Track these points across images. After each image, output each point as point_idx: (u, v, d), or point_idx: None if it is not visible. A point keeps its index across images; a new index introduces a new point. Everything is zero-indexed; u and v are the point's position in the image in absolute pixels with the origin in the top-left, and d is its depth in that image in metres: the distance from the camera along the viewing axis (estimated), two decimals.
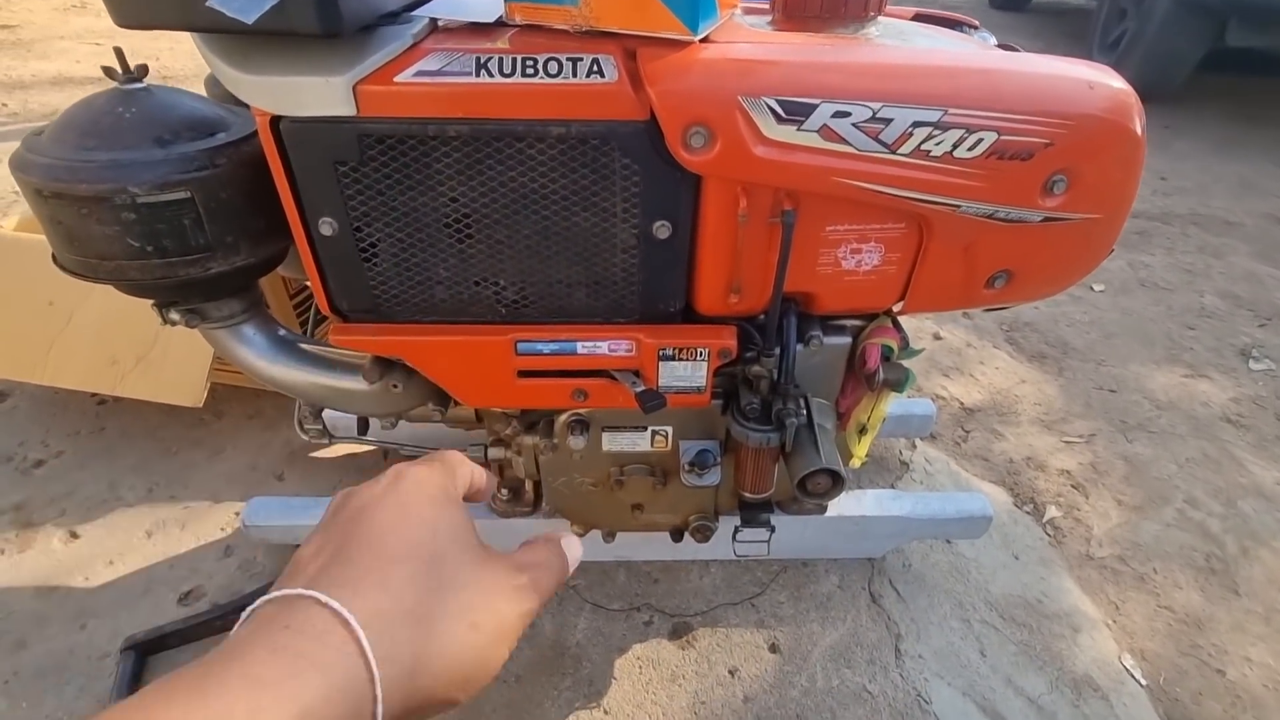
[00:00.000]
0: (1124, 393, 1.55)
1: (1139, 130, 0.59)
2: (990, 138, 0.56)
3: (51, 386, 1.19)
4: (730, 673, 0.89)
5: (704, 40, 0.57)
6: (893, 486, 1.19)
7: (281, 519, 0.95)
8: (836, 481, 0.73)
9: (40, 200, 0.56)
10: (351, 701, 0.23)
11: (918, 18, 0.80)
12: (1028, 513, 1.22)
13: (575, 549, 0.35)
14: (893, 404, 0.90)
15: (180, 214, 0.58)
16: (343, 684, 0.23)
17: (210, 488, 1.15)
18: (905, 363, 0.75)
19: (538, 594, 0.31)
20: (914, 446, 1.31)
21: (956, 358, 1.65)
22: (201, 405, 1.12)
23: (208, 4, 0.44)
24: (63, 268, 0.61)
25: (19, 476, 1.17)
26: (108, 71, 0.59)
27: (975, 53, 0.62)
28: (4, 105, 2.75)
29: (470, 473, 0.34)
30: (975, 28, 0.80)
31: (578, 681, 0.87)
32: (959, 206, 0.60)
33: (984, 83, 0.56)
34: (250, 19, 0.44)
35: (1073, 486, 1.29)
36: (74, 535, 1.07)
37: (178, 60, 3.44)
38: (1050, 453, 1.37)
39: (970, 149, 0.57)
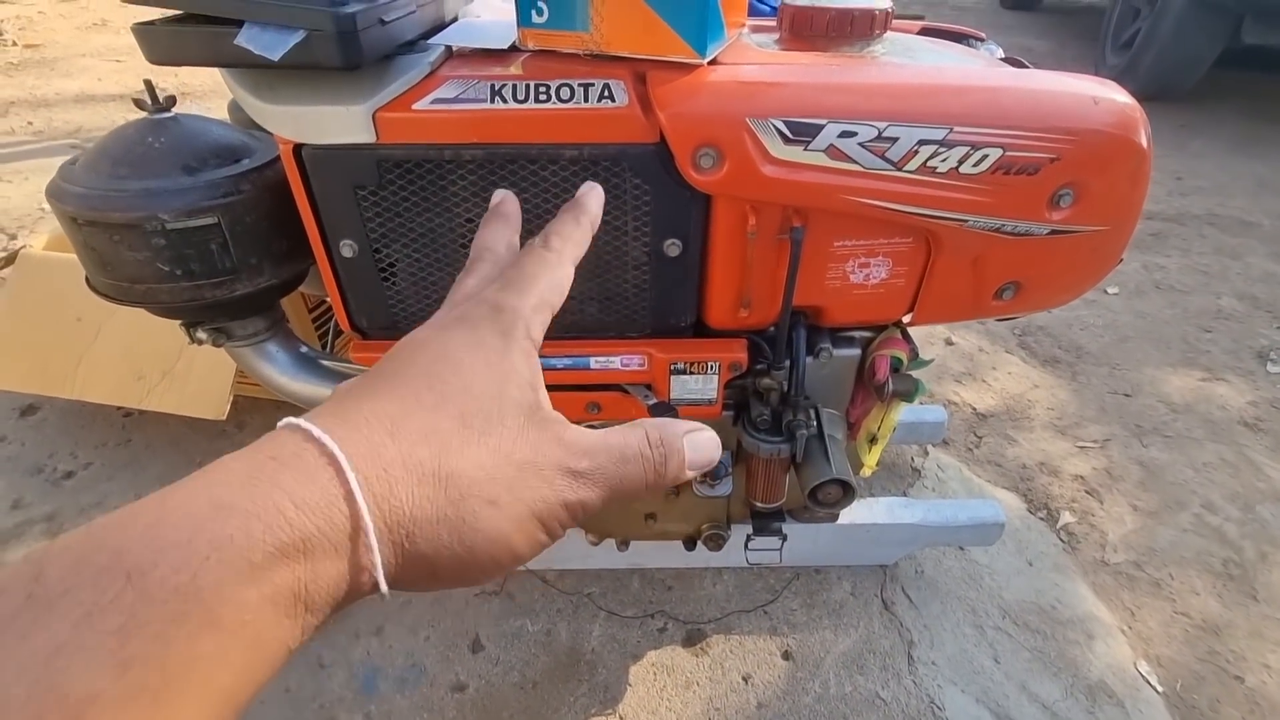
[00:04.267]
0: (1139, 397, 1.54)
1: (1145, 143, 0.59)
2: (995, 154, 0.57)
3: (79, 400, 1.22)
4: (744, 679, 0.90)
5: (712, 62, 0.59)
6: (904, 494, 1.19)
7: None
8: (847, 491, 0.74)
9: (75, 227, 0.59)
10: (336, 548, 0.20)
11: (924, 32, 0.81)
12: (1041, 519, 1.22)
13: (705, 448, 0.27)
14: (904, 411, 0.91)
15: (208, 239, 0.60)
16: (324, 526, 0.20)
17: None
18: (915, 373, 0.76)
19: (599, 487, 0.25)
20: (926, 453, 1.31)
21: (968, 363, 1.65)
22: (225, 418, 1.15)
23: (235, 42, 0.46)
24: (96, 291, 0.63)
25: (50, 488, 1.20)
26: (138, 103, 0.61)
27: (980, 69, 0.63)
28: (30, 124, 2.82)
29: (551, 305, 0.29)
30: (981, 40, 0.81)
31: (593, 688, 0.89)
32: (966, 221, 0.60)
33: (988, 100, 0.57)
34: (276, 56, 0.46)
35: (1087, 492, 1.28)
36: None
37: (197, 76, 3.51)
38: (1064, 458, 1.36)
39: (976, 165, 0.57)
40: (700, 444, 0.27)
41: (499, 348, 0.26)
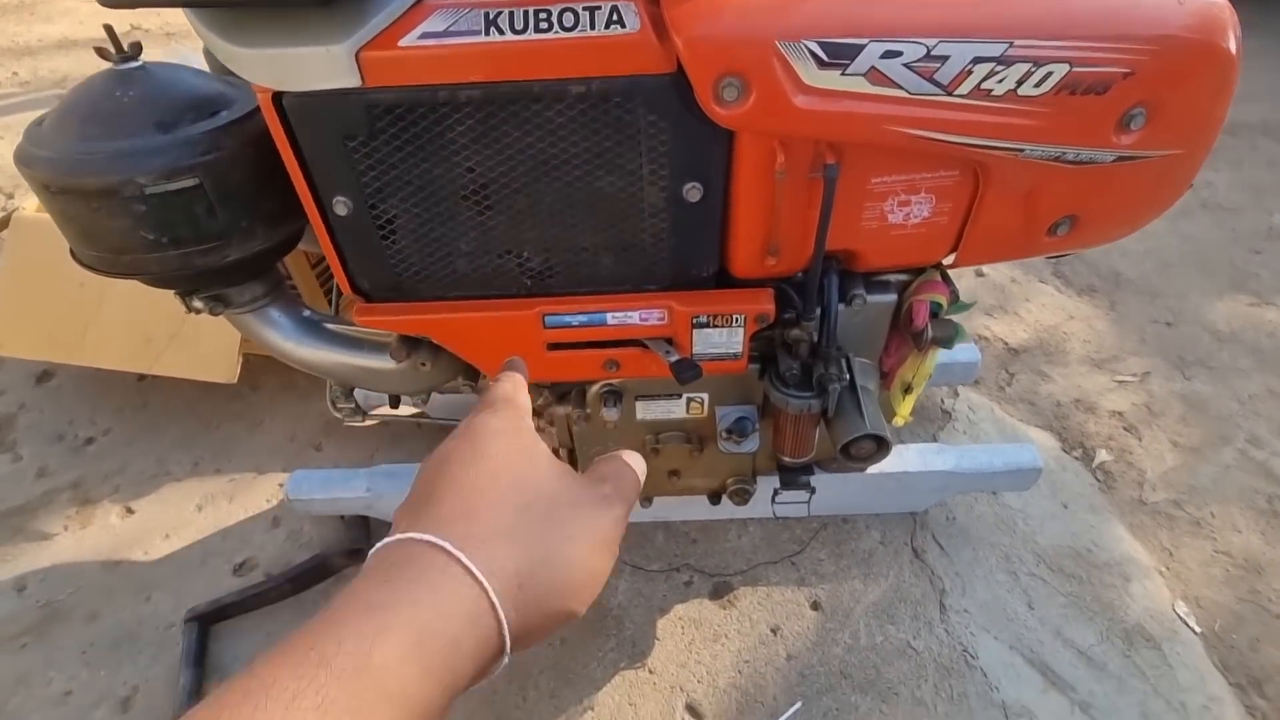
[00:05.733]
0: (1182, 325, 1.47)
1: (1234, 49, 0.52)
2: (1061, 70, 0.50)
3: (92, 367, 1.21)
4: (773, 631, 0.89)
5: None
6: (935, 437, 1.16)
7: (323, 492, 0.97)
8: (881, 446, 0.70)
9: (49, 195, 0.54)
10: (469, 616, 0.25)
11: None
12: (1077, 458, 1.18)
13: (639, 462, 0.36)
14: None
15: (191, 202, 0.55)
16: (455, 600, 0.25)
17: (253, 460, 1.18)
18: (954, 317, 0.71)
19: (622, 499, 0.33)
20: (956, 394, 1.27)
21: (1000, 295, 1.58)
22: (235, 381, 1.13)
23: None
24: (82, 263, 0.59)
25: (72, 454, 1.20)
26: (100, 52, 0.56)
27: None
28: (15, 74, 2.73)
29: (527, 394, 0.37)
30: None
31: (621, 643, 0.89)
32: (1022, 150, 0.54)
33: (1054, 6, 0.49)
34: None
35: (1125, 429, 1.24)
36: (130, 510, 1.11)
37: (178, 14, 3.35)
38: (1101, 393, 1.31)
39: (1038, 85, 0.51)
40: (635, 459, 0.36)
41: (525, 440, 0.32)
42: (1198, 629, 0.93)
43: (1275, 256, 1.65)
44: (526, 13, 0.50)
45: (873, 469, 0.92)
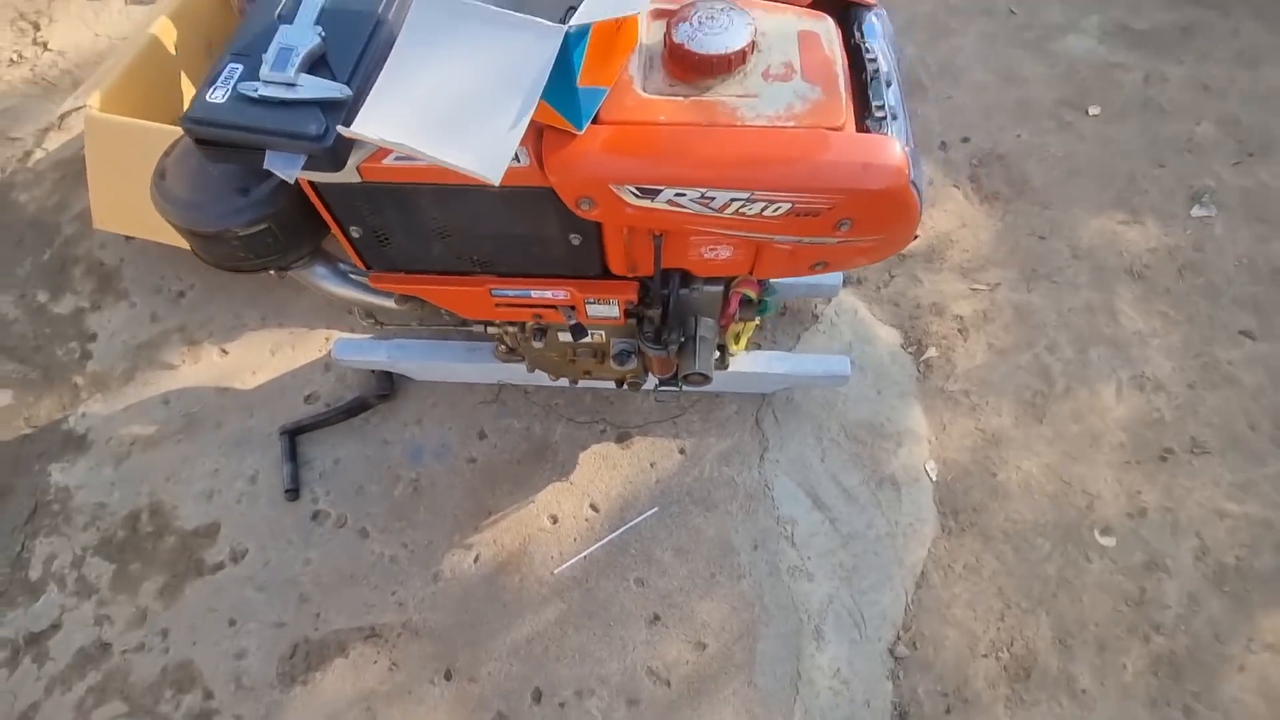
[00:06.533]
0: (1052, 239, 1.75)
1: (910, 192, 0.81)
2: (787, 205, 0.81)
3: None
4: (651, 465, 1.40)
5: (594, 120, 0.80)
6: (798, 337, 1.55)
7: (358, 356, 1.41)
8: (706, 378, 1.11)
9: (177, 228, 0.90)
10: None
11: (815, 3, 0.93)
12: (910, 353, 1.58)
13: None
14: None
15: (265, 236, 0.91)
16: None
17: (304, 318, 1.61)
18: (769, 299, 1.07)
19: None
20: (828, 302, 1.62)
21: None
22: None
23: (264, 166, 0.72)
24: (205, 260, 0.96)
25: (172, 304, 1.64)
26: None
27: (788, 138, 0.79)
28: None
29: None
30: (870, 6, 0.93)
31: (555, 466, 1.40)
32: (774, 238, 0.87)
33: (782, 172, 0.78)
34: (292, 179, 0.73)
35: (959, 330, 1.61)
36: (224, 351, 1.58)
37: None
38: (955, 299, 1.66)
39: (775, 211, 0.82)
40: None
41: None
42: (935, 479, 1.42)
43: (1171, 173, 1.83)
44: None
45: (733, 368, 1.34)
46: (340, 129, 0.69)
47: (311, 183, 0.85)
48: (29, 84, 2.09)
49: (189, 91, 1.67)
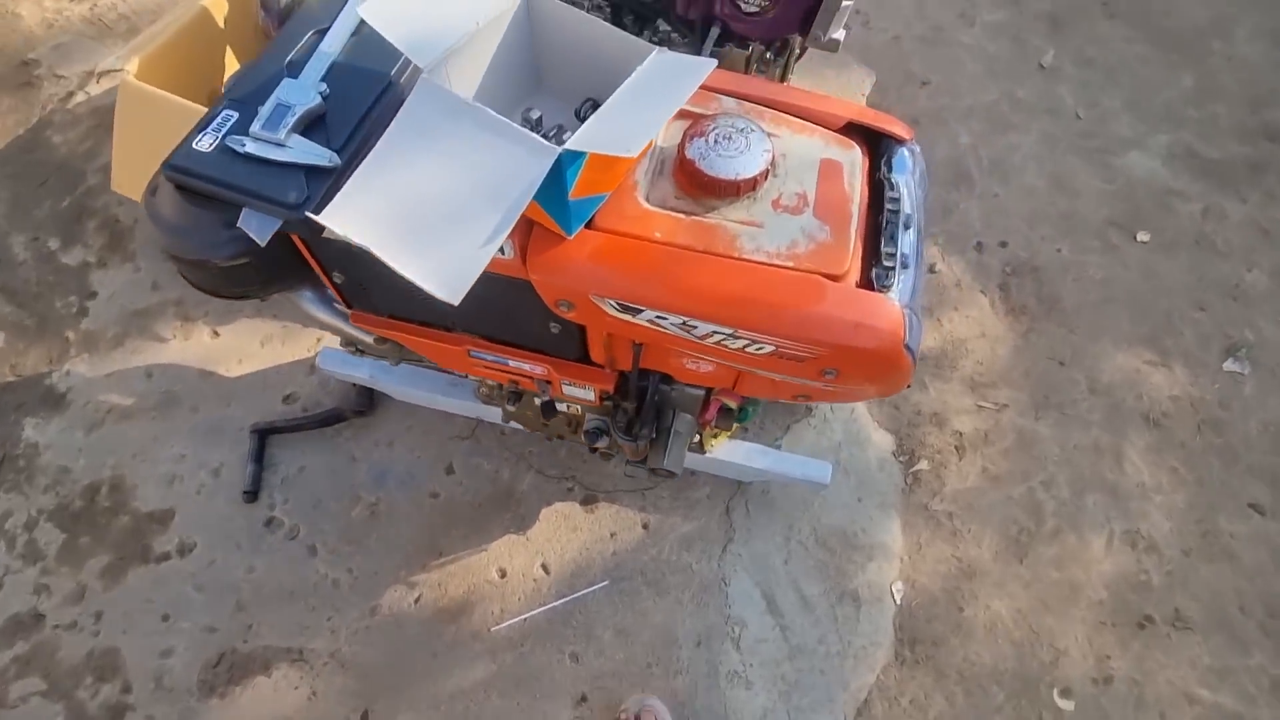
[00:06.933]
0: (1072, 367, 1.68)
1: (902, 354, 0.77)
2: (771, 347, 0.77)
3: None
4: (611, 535, 1.36)
5: (588, 225, 0.77)
6: (788, 428, 1.50)
7: (342, 369, 1.39)
8: (671, 475, 1.08)
9: (164, 249, 0.88)
10: None
11: (848, 127, 0.88)
12: (901, 462, 1.53)
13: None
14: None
15: (247, 270, 0.89)
16: None
17: (297, 315, 1.59)
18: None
19: None
20: None
21: (937, 296, 1.77)
22: None
23: (238, 224, 0.70)
24: (194, 285, 0.95)
25: (174, 275, 1.62)
26: None
27: (783, 280, 0.75)
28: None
29: None
30: (903, 141, 0.88)
31: (515, 517, 1.37)
32: (755, 371, 0.83)
33: (767, 315, 0.74)
34: (264, 241, 0.71)
35: (955, 447, 1.56)
36: (216, 334, 1.57)
37: None
38: (958, 413, 1.60)
39: (758, 349, 0.78)
40: None
41: None
42: (899, 602, 1.37)
43: (1210, 320, 1.74)
44: None
45: (713, 455, 1.30)
46: (309, 215, 0.66)
47: (299, 237, 0.83)
48: (86, 23, 2.11)
49: (230, 68, 1.67)
